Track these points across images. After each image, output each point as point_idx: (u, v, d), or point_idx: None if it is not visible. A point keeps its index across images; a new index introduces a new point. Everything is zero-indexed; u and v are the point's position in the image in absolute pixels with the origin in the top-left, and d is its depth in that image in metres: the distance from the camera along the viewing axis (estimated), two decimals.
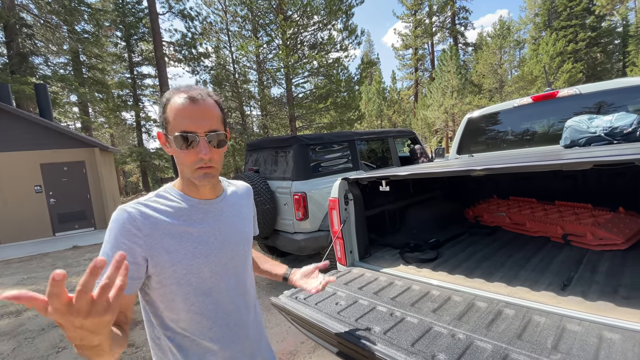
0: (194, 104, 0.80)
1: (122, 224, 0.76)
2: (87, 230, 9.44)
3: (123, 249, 0.74)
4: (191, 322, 0.84)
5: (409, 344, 1.21)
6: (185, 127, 0.78)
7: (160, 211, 0.81)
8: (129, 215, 0.77)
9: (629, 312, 1.29)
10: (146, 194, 0.87)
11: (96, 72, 17.84)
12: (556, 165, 1.26)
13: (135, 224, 0.76)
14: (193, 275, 0.82)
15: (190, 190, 0.87)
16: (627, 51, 29.78)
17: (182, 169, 0.84)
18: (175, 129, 0.79)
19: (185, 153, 0.79)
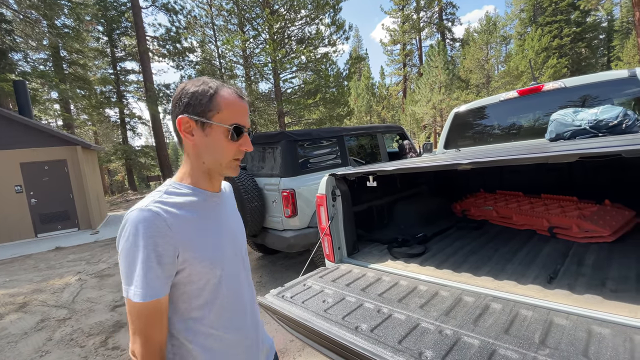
0: (242, 100, 0.84)
1: (154, 223, 0.72)
2: (70, 230, 9.18)
3: (161, 250, 0.72)
4: (218, 317, 0.83)
5: (396, 342, 1.18)
6: (238, 121, 0.82)
7: (181, 207, 0.79)
8: (157, 214, 0.74)
9: (618, 305, 1.29)
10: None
11: (77, 68, 17.28)
12: (541, 158, 1.25)
13: (165, 222, 0.74)
14: (217, 268, 0.82)
15: (204, 182, 0.86)
16: (612, 46, 30.53)
17: (215, 160, 0.83)
18: (228, 120, 0.81)
19: (230, 145, 0.82)
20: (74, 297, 4.29)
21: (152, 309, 0.72)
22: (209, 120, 0.80)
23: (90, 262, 6.01)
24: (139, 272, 0.70)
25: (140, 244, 0.71)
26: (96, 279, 4.95)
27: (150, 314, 0.72)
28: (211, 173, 0.85)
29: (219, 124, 0.80)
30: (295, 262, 4.74)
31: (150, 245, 0.71)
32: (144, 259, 0.70)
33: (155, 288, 0.71)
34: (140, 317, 0.72)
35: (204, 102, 0.80)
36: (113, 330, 3.30)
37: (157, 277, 0.72)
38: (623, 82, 2.61)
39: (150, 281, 0.71)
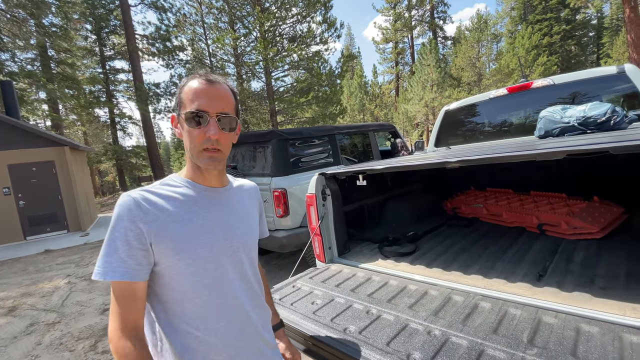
0: (209, 84, 0.82)
1: (128, 208, 0.74)
2: (59, 233, 9.02)
3: (131, 234, 0.73)
4: (197, 316, 0.80)
5: (384, 343, 1.16)
6: (198, 106, 0.79)
7: (165, 197, 0.80)
8: (134, 200, 0.75)
9: (607, 303, 1.28)
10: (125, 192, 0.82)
11: (66, 67, 16.94)
12: (529, 156, 1.24)
13: (141, 208, 0.75)
14: (198, 265, 0.80)
15: (197, 176, 0.86)
16: (602, 43, 30.95)
17: (189, 150, 0.83)
18: (186, 107, 0.80)
19: (194, 132, 0.79)
20: (64, 301, 4.21)
21: (123, 290, 0.73)
22: (180, 111, 0.82)
23: (79, 264, 5.91)
24: (104, 251, 0.73)
25: (114, 225, 0.74)
26: (86, 282, 4.87)
27: (122, 295, 0.73)
28: (198, 166, 0.84)
29: (182, 113, 0.81)
30: (289, 261, 4.72)
31: (122, 228, 0.73)
32: (112, 240, 0.73)
33: (119, 270, 0.72)
34: (114, 296, 0.74)
35: (178, 97, 0.83)
36: (103, 334, 3.24)
37: (123, 260, 0.72)
38: (611, 78, 2.63)
39: (114, 262, 0.72)
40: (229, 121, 0.83)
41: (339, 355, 1.17)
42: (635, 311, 1.20)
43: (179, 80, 13.24)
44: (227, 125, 0.82)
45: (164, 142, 59.95)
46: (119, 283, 0.73)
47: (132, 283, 0.73)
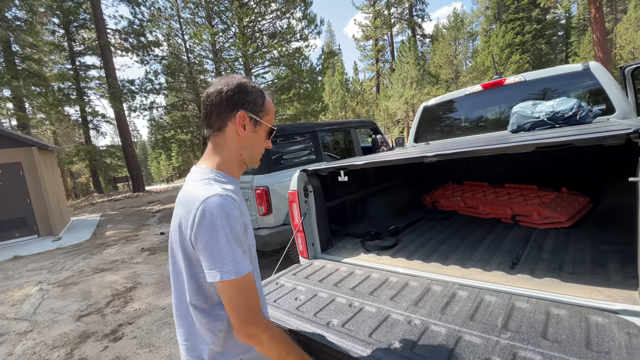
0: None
1: (234, 205, 0.80)
2: (29, 238, 8.58)
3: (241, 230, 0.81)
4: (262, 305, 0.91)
5: (366, 335, 1.19)
6: (273, 124, 0.98)
7: (234, 192, 0.86)
8: (231, 197, 0.81)
9: (574, 287, 1.36)
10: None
11: (32, 64, 16.01)
12: (501, 149, 1.29)
13: (237, 204, 0.82)
14: (253, 253, 0.92)
15: (236, 172, 0.94)
16: (570, 42, 32.44)
17: (254, 153, 0.95)
18: (270, 122, 0.96)
19: (265, 142, 0.97)
20: (35, 309, 4.02)
21: (251, 279, 0.81)
22: (262, 120, 0.92)
23: (52, 270, 5.65)
24: (232, 249, 0.77)
25: (231, 224, 0.77)
26: (59, 288, 4.66)
27: (251, 286, 0.80)
28: (242, 164, 0.95)
29: (267, 124, 0.94)
30: (273, 259, 4.69)
31: (237, 226, 0.79)
32: (234, 237, 0.78)
33: (246, 262, 0.80)
34: (245, 289, 0.79)
35: (260, 104, 0.91)
36: (79, 342, 3.12)
37: (245, 254, 0.80)
38: (578, 75, 2.77)
39: (244, 257, 0.80)
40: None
41: (324, 349, 1.18)
42: (599, 294, 1.28)
43: (154, 77, 12.82)
44: None
45: (140, 141, 57.97)
46: (249, 274, 0.79)
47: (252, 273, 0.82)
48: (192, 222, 0.78)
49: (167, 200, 13.63)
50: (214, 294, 0.86)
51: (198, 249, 0.78)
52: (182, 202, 0.85)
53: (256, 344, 0.81)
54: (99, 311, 3.73)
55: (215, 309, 0.87)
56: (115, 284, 4.58)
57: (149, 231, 8.19)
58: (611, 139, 1.12)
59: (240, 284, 0.77)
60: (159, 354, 2.72)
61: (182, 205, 0.84)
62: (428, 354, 1.04)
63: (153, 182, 49.83)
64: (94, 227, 9.44)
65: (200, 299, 0.86)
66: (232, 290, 0.77)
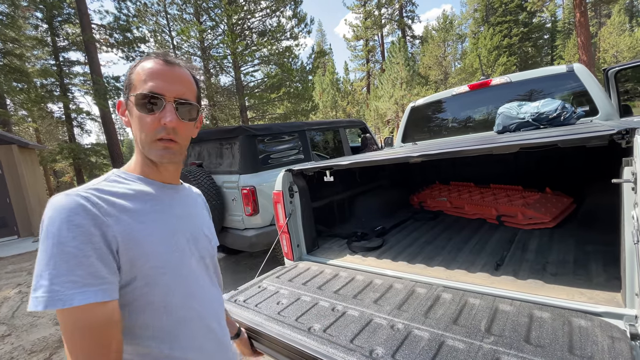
0: (167, 65, 0.70)
1: (83, 209, 0.57)
2: (8, 239, 8.29)
3: (97, 239, 0.57)
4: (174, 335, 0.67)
5: (348, 340, 1.16)
6: (152, 88, 0.67)
7: (121, 195, 0.65)
8: (86, 198, 0.59)
9: (557, 288, 1.36)
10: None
11: (13, 59, 15.50)
12: (485, 150, 1.28)
13: (97, 207, 0.59)
14: (171, 271, 0.67)
15: (151, 171, 0.73)
16: (555, 45, 33.21)
17: (140, 141, 0.69)
18: (137, 89, 0.67)
19: (146, 118, 0.67)
20: (14, 312, 3.88)
21: (101, 315, 0.55)
22: (129, 96, 0.70)
23: (32, 272, 5.46)
24: (60, 267, 0.53)
25: (67, 233, 0.55)
26: None
27: (100, 323, 0.55)
28: (151, 160, 0.72)
29: (131, 95, 0.68)
30: (260, 260, 4.63)
31: (82, 235, 0.56)
32: (71, 251, 0.54)
33: (94, 288, 0.54)
34: (86, 328, 0.54)
35: (127, 78, 0.71)
36: (58, 346, 3.02)
37: (96, 274, 0.55)
38: (562, 77, 2.80)
39: (84, 279, 0.54)
40: (189, 110, 0.71)
41: (304, 356, 1.15)
42: (582, 295, 1.28)
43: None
44: (186, 114, 0.71)
45: (127, 140, 56.86)
46: (94, 306, 0.54)
47: (111, 303, 0.57)
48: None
49: None
50: None
51: None
52: None
53: None
54: None
55: None
56: None
57: None
58: (595, 140, 1.11)
59: (77, 317, 0.54)
60: None
61: None
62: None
63: None
64: None
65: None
66: (62, 325, 0.54)
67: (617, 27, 25.88)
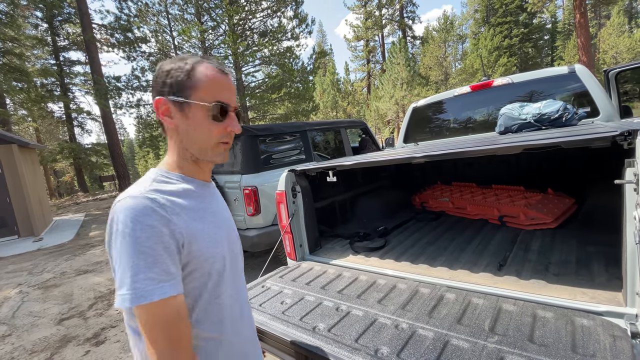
0: (226, 76, 0.76)
1: (152, 209, 0.64)
2: (9, 238, 8.29)
3: (167, 239, 0.63)
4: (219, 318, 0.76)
5: (352, 340, 1.17)
6: (222, 98, 0.74)
7: (177, 194, 0.71)
8: (153, 200, 0.65)
9: (560, 288, 1.36)
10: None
11: (13, 58, 15.49)
12: (488, 150, 1.28)
13: (164, 208, 0.65)
14: (219, 262, 0.75)
15: (192, 171, 0.78)
16: (555, 46, 33.26)
17: (199, 144, 0.75)
18: (209, 97, 0.72)
19: (214, 126, 0.74)
20: (14, 312, 3.88)
21: (174, 308, 0.62)
22: (188, 100, 0.72)
23: (32, 272, 5.47)
24: (139, 266, 0.60)
25: (141, 234, 0.61)
26: (40, 291, 4.51)
27: (174, 316, 0.62)
28: (198, 160, 0.77)
29: (199, 102, 0.72)
30: (262, 260, 4.64)
31: (155, 235, 0.62)
32: (147, 250, 0.61)
33: (168, 284, 0.62)
34: (162, 321, 0.61)
35: (181, 80, 0.72)
36: (59, 346, 3.02)
37: (168, 271, 0.62)
38: (563, 78, 2.81)
39: (160, 276, 0.61)
40: (239, 116, 0.80)
41: (309, 355, 1.15)
42: (584, 295, 1.29)
43: (141, 74, 12.55)
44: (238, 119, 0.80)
45: (127, 139, 56.84)
46: (169, 300, 0.61)
47: (179, 295, 0.64)
48: (107, 231, 0.66)
49: None
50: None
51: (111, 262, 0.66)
52: None
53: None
54: (81, 314, 3.62)
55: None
56: (98, 285, 4.45)
57: None
58: (598, 141, 1.12)
59: (152, 312, 0.60)
60: None
61: None
62: (415, 359, 1.02)
63: None
64: (77, 227, 9.19)
65: (132, 319, 0.70)
66: (143, 318, 0.61)
67: (617, 28, 25.93)
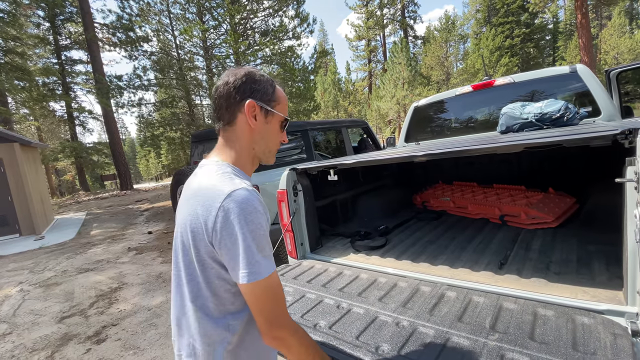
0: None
1: (259, 201, 0.76)
2: (10, 237, 8.32)
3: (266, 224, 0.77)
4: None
5: (353, 337, 1.17)
6: (287, 115, 0.92)
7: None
8: (257, 193, 0.77)
9: (560, 287, 1.36)
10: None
11: (15, 57, 15.53)
12: (489, 149, 1.28)
13: (259, 198, 0.78)
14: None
15: (248, 169, 0.90)
16: (557, 46, 33.21)
17: (267, 146, 0.90)
18: (283, 112, 0.90)
19: (280, 134, 0.92)
20: (15, 310, 3.89)
21: (278, 280, 0.77)
22: (273, 110, 0.87)
23: (33, 270, 5.48)
24: (262, 248, 0.73)
25: (260, 221, 0.73)
26: (41, 289, 4.52)
27: (279, 284, 0.77)
28: (255, 159, 0.90)
29: (279, 113, 0.89)
30: None
31: (264, 222, 0.75)
32: (264, 235, 0.74)
33: (273, 261, 0.77)
34: (274, 288, 0.75)
35: (270, 92, 0.87)
36: (60, 344, 3.03)
37: (271, 250, 0.78)
38: (565, 77, 2.80)
39: (271, 255, 0.77)
40: None
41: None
42: (585, 294, 1.29)
43: (143, 73, 12.57)
44: None
45: (128, 139, 56.92)
46: (276, 273, 0.76)
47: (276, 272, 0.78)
48: (214, 220, 0.71)
49: (156, 199, 13.41)
50: (228, 302, 0.79)
51: (223, 249, 0.72)
52: (197, 197, 0.77)
53: (284, 347, 0.77)
54: (82, 312, 3.63)
55: (227, 318, 0.80)
56: (99, 284, 4.46)
57: (136, 230, 8.03)
58: (598, 139, 1.12)
59: (268, 283, 0.73)
60: (143, 356, 2.65)
61: (197, 201, 0.76)
62: (416, 357, 1.02)
63: (142, 180, 49.03)
64: (78, 226, 9.21)
65: (212, 306, 0.79)
66: (259, 291, 0.72)
67: (618, 29, 25.86)
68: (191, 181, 0.85)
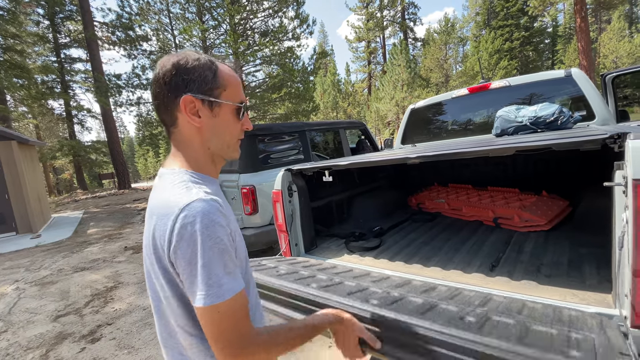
0: (238, 75, 0.81)
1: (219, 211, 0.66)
2: (7, 235, 8.30)
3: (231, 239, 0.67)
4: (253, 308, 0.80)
5: (345, 294, 1.19)
6: (243, 98, 0.78)
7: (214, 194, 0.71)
8: (216, 203, 0.66)
9: (550, 289, 1.37)
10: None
11: (14, 55, 15.50)
12: (482, 152, 1.30)
13: (222, 208, 0.67)
14: (244, 262, 0.78)
15: (212, 170, 0.79)
16: (556, 50, 33.36)
17: (223, 142, 0.77)
18: (234, 97, 0.76)
19: (237, 124, 0.77)
20: (11, 308, 3.89)
21: (244, 298, 0.67)
22: (218, 99, 0.73)
23: (29, 269, 5.47)
24: (230, 263, 0.65)
25: (221, 234, 0.64)
26: (36, 288, 4.52)
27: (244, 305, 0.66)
28: (215, 158, 0.78)
29: (228, 102, 0.74)
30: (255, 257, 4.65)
31: (226, 235, 0.65)
32: (225, 249, 0.64)
33: (240, 279, 0.67)
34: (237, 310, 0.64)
35: (210, 79, 0.71)
36: (55, 343, 3.03)
37: (236, 267, 0.67)
38: (560, 81, 2.83)
39: (237, 272, 0.67)
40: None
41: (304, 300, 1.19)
42: (574, 296, 1.30)
43: (142, 72, 12.57)
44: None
45: (127, 137, 56.82)
46: (241, 293, 0.66)
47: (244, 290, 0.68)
48: (169, 236, 0.63)
49: None
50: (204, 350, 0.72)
51: (179, 267, 0.63)
52: (155, 212, 0.69)
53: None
54: (77, 311, 3.63)
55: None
56: (95, 283, 4.46)
57: (134, 229, 8.03)
58: (588, 144, 1.14)
59: (229, 307, 0.62)
60: (138, 355, 2.65)
61: (156, 216, 0.68)
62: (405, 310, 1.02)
63: (140, 179, 48.97)
64: (75, 225, 9.19)
65: (190, 323, 0.70)
66: (217, 316, 0.62)
67: (617, 33, 26.00)
68: (151, 196, 0.75)
